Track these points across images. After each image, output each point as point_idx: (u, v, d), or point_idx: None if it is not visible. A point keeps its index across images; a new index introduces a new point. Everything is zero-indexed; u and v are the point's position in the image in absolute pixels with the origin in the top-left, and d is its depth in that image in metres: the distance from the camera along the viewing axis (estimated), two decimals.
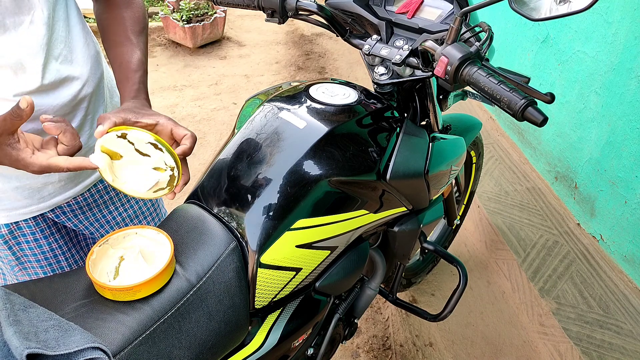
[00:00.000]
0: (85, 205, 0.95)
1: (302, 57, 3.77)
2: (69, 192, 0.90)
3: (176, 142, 0.76)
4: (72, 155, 0.68)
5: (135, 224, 1.03)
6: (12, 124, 0.63)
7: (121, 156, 0.72)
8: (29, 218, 0.89)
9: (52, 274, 0.95)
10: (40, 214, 0.90)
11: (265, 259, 0.77)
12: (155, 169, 0.72)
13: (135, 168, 0.72)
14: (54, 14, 0.78)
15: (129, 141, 0.70)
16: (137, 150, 0.71)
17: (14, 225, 0.89)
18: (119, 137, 0.70)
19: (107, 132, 0.69)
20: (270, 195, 0.79)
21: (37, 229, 0.91)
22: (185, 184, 0.75)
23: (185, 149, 0.73)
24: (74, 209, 0.94)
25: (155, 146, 0.71)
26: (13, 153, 0.64)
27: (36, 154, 0.66)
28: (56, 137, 0.68)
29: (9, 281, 0.98)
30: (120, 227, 1.00)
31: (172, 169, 0.72)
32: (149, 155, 0.71)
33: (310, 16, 1.01)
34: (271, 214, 0.78)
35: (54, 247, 0.94)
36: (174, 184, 0.73)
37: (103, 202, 0.97)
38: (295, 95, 0.93)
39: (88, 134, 0.88)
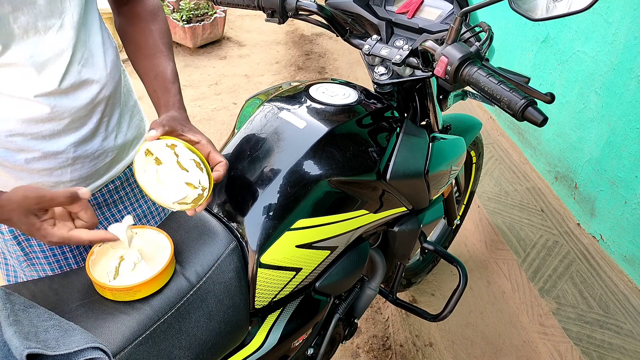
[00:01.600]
0: (96, 204, 0.95)
1: (302, 57, 3.77)
2: None
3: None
4: (89, 229, 0.71)
5: (144, 223, 1.04)
6: (57, 203, 0.66)
7: (161, 162, 0.72)
8: None
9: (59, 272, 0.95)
10: None
11: (265, 259, 0.77)
12: (187, 184, 0.72)
13: (169, 178, 0.73)
14: (82, 19, 0.79)
15: (175, 153, 0.71)
16: (178, 162, 0.72)
17: None
18: (167, 146, 0.70)
19: (158, 139, 0.70)
20: (270, 195, 0.79)
21: None
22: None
23: (219, 176, 0.74)
24: None
25: (197, 164, 0.71)
26: (37, 223, 0.66)
27: (57, 226, 0.68)
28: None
29: (20, 276, 0.98)
30: None
31: (203, 189, 0.72)
32: (187, 170, 0.72)
33: (310, 16, 1.01)
34: (271, 214, 0.78)
35: (63, 245, 0.94)
36: (199, 203, 0.73)
37: (113, 202, 0.98)
38: (295, 95, 0.93)
39: (103, 137, 0.88)
